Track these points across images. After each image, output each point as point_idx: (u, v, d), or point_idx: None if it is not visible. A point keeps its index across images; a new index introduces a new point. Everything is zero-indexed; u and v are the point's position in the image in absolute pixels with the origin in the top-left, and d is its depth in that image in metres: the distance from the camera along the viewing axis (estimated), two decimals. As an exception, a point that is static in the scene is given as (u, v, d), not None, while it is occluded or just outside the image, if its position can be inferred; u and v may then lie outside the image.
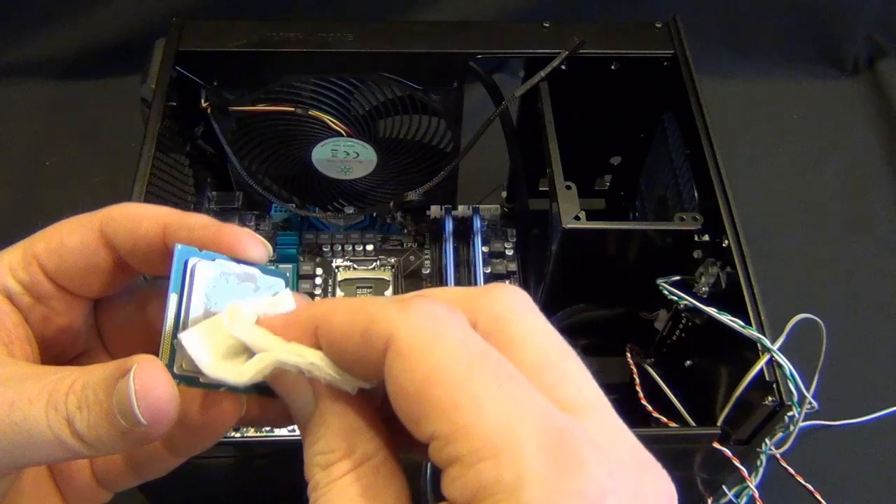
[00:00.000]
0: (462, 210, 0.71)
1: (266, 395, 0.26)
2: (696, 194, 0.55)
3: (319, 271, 0.69)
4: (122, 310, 0.29)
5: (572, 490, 0.19)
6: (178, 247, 0.25)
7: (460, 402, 0.20)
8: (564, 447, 0.19)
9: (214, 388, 0.25)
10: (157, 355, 0.24)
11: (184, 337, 0.24)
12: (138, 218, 0.26)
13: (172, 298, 0.25)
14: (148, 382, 0.23)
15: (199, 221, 0.26)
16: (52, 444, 0.23)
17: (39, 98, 0.89)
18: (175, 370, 0.24)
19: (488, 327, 0.23)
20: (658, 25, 0.61)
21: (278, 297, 0.26)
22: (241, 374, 0.24)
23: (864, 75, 0.95)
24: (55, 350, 0.28)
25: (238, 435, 0.57)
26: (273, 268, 0.27)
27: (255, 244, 0.26)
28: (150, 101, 0.55)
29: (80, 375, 0.24)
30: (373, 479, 0.22)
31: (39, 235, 0.27)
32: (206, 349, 0.25)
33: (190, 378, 0.25)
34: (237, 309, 0.25)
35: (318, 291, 0.68)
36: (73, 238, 0.27)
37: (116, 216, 0.27)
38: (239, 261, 0.26)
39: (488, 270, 0.68)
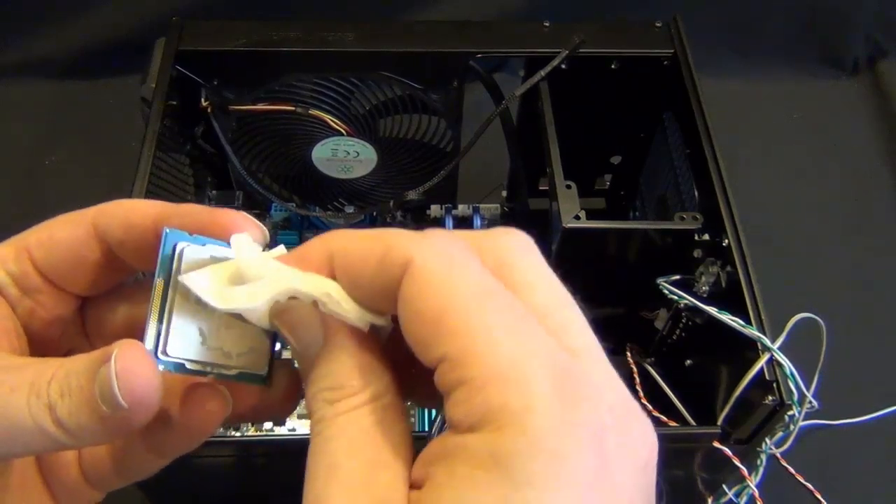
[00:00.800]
0: (462, 209, 0.71)
1: (255, 382, 0.26)
2: (696, 194, 0.55)
3: (319, 271, 0.69)
4: (110, 309, 0.29)
5: (575, 422, 0.20)
6: (167, 230, 0.24)
7: (474, 328, 0.20)
8: (570, 382, 0.20)
9: (201, 374, 0.25)
10: (143, 341, 0.24)
11: (188, 277, 0.24)
12: (131, 209, 0.26)
13: (158, 283, 0.24)
14: (129, 365, 0.22)
15: (193, 208, 0.26)
16: (33, 432, 0.23)
17: (39, 98, 0.89)
18: (160, 356, 0.24)
19: (494, 269, 0.23)
20: (658, 25, 0.61)
21: (279, 248, 0.26)
22: (254, 295, 0.24)
23: (864, 75, 0.95)
24: (40, 346, 0.28)
25: (238, 434, 0.57)
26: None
27: (251, 227, 0.26)
28: (150, 100, 0.56)
29: (64, 363, 0.23)
30: (381, 416, 0.22)
31: (33, 229, 0.27)
32: (211, 286, 0.24)
33: (176, 364, 0.24)
34: (243, 238, 0.25)
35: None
36: (63, 231, 0.27)
37: (110, 208, 0.27)
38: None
39: (488, 270, 0.68)
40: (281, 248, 0.26)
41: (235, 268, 0.25)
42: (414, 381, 0.24)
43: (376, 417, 0.22)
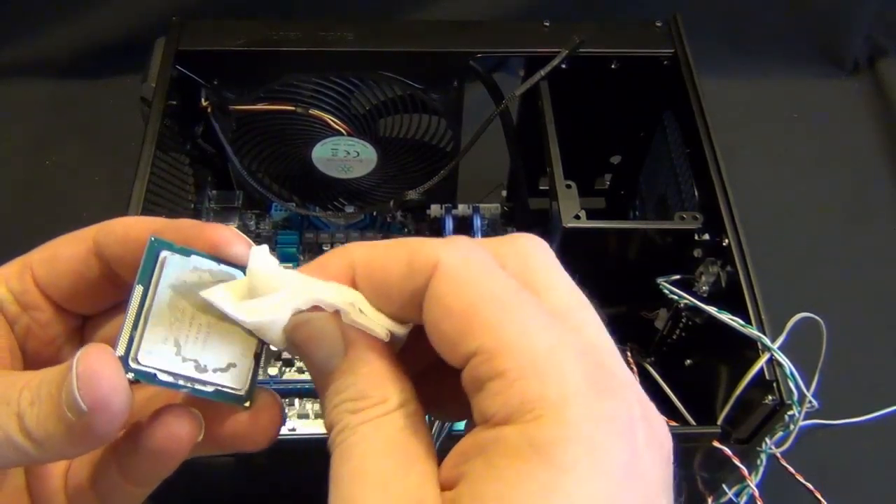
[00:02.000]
0: (462, 209, 0.71)
1: (233, 402, 0.25)
2: (696, 193, 0.55)
3: (319, 270, 0.69)
4: (108, 328, 0.28)
5: (609, 413, 0.20)
6: (152, 238, 0.24)
7: (508, 321, 0.21)
8: (603, 375, 0.21)
9: (173, 387, 0.24)
10: (115, 348, 0.23)
11: (210, 292, 0.24)
12: (130, 226, 0.26)
13: (137, 290, 0.24)
14: (92, 366, 0.22)
15: (185, 222, 0.25)
16: (1, 442, 0.22)
17: (39, 98, 0.89)
18: (130, 364, 0.23)
19: (515, 273, 0.23)
20: (658, 24, 0.61)
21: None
22: (277, 307, 0.24)
23: (864, 75, 0.95)
24: (37, 365, 0.27)
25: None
26: None
27: (238, 243, 0.25)
28: (150, 100, 0.56)
29: (39, 374, 0.23)
30: (405, 423, 0.22)
31: (39, 248, 0.27)
32: (234, 300, 0.24)
33: (147, 373, 0.23)
34: (261, 250, 0.25)
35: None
36: (66, 249, 0.27)
37: (109, 225, 0.26)
38: (220, 261, 0.25)
39: (488, 270, 0.68)
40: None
41: (248, 284, 0.25)
42: (426, 393, 0.24)
43: (401, 425, 0.22)
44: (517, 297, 0.22)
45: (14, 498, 0.27)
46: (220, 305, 0.24)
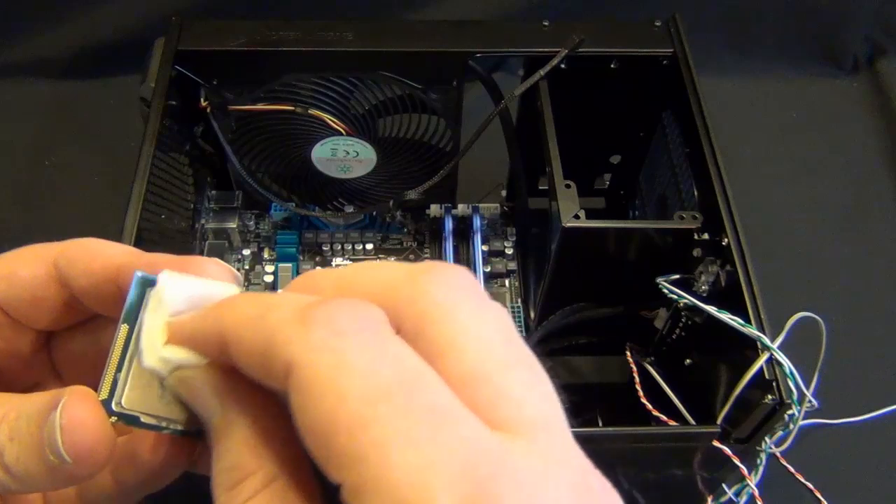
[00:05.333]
0: (462, 209, 0.71)
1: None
2: (695, 193, 0.55)
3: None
4: (77, 340, 0.28)
5: None
6: (138, 274, 0.23)
7: (365, 451, 0.17)
8: (483, 500, 0.17)
9: (156, 429, 0.23)
10: (98, 391, 0.22)
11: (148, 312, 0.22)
12: (94, 255, 0.25)
13: (122, 330, 0.23)
14: (76, 417, 0.21)
15: (162, 257, 0.24)
16: None
17: (39, 98, 0.89)
18: (114, 408, 0.22)
19: (415, 328, 0.19)
20: (657, 24, 0.61)
21: (223, 285, 0.23)
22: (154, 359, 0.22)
23: (864, 74, 0.95)
24: (4, 380, 0.27)
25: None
26: None
27: (223, 273, 0.24)
28: (149, 100, 0.55)
29: (15, 405, 0.22)
30: (283, 499, 0.20)
31: None
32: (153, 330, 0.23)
33: (130, 416, 0.23)
34: (168, 280, 0.22)
35: (317, 291, 0.68)
36: (25, 269, 0.25)
37: (72, 252, 0.25)
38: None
39: (488, 269, 0.68)
40: (232, 289, 0.23)
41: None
42: None
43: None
44: (383, 404, 0.17)
45: None
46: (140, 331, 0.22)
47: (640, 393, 0.55)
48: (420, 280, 0.20)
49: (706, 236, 0.51)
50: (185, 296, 0.23)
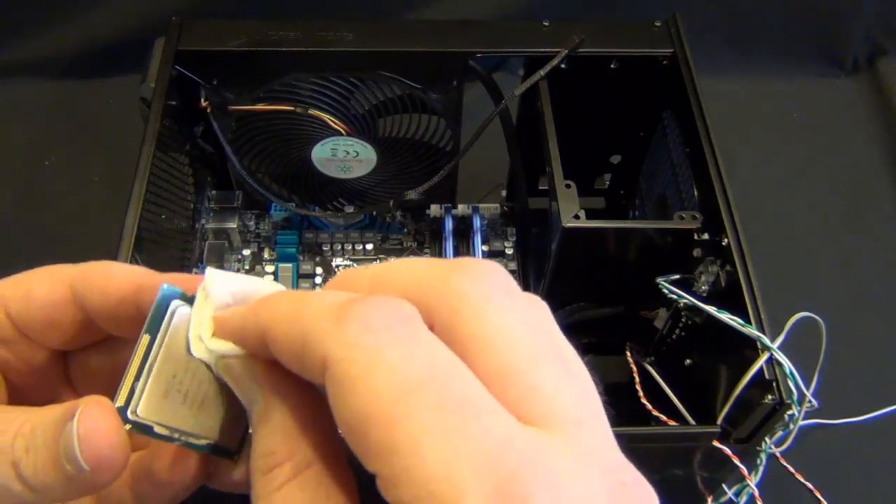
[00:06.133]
0: (462, 209, 0.71)
1: (223, 456, 0.25)
2: (695, 193, 0.55)
3: (319, 270, 0.69)
4: (93, 357, 0.28)
5: None
6: (164, 286, 0.23)
7: (398, 444, 0.18)
8: (515, 494, 0.17)
9: (168, 440, 0.24)
10: (114, 398, 0.23)
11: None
12: (112, 276, 0.25)
13: (144, 339, 0.23)
14: (93, 426, 0.21)
15: (178, 276, 0.24)
16: None
17: (39, 98, 0.89)
18: (129, 416, 0.23)
19: (447, 325, 0.20)
20: (657, 24, 0.61)
21: (264, 282, 0.24)
22: (202, 350, 0.23)
23: (864, 74, 0.95)
24: (18, 395, 0.27)
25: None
26: None
27: None
28: (149, 100, 0.55)
29: (30, 418, 0.23)
30: (314, 490, 0.20)
31: (12, 279, 0.26)
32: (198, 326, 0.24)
33: (144, 426, 0.23)
34: (216, 276, 0.23)
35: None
36: (41, 289, 0.25)
37: (90, 274, 0.25)
38: None
39: (488, 269, 0.68)
40: (274, 286, 0.24)
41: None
42: None
43: (310, 492, 0.20)
44: (415, 398, 0.18)
45: None
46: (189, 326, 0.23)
47: (640, 393, 0.55)
48: (451, 278, 0.20)
49: (706, 236, 0.51)
50: (230, 291, 0.23)
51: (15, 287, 0.26)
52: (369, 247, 0.70)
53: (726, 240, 0.50)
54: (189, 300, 0.24)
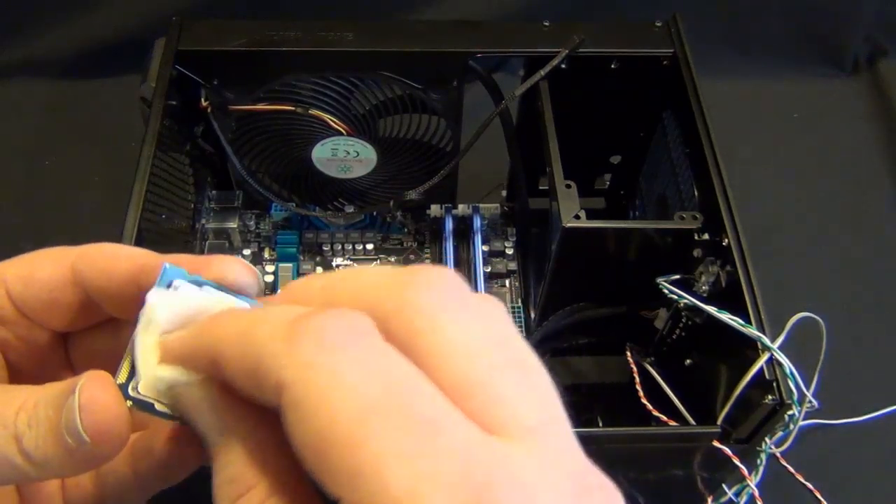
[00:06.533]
0: (462, 209, 0.71)
1: None
2: (695, 193, 0.55)
3: (319, 270, 0.69)
4: (94, 339, 0.28)
5: None
6: (167, 266, 0.23)
7: (362, 468, 0.17)
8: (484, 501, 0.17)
9: (167, 417, 0.23)
10: (115, 375, 0.23)
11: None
12: (113, 258, 0.25)
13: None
14: (94, 397, 0.21)
15: (182, 257, 0.24)
16: (0, 464, 0.22)
17: (39, 98, 0.89)
18: (130, 391, 0.23)
19: (403, 337, 0.19)
20: (658, 25, 0.61)
21: (213, 297, 0.23)
22: (146, 386, 0.23)
23: (864, 75, 0.95)
24: (18, 376, 0.27)
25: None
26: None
27: (245, 273, 0.24)
28: (150, 100, 0.55)
29: (33, 393, 0.23)
30: None
31: (14, 260, 0.26)
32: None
33: (144, 403, 0.23)
34: (153, 311, 0.23)
35: (318, 291, 0.68)
36: (43, 270, 0.25)
37: (91, 255, 0.25)
38: (229, 292, 0.24)
39: (488, 269, 0.68)
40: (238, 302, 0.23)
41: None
42: None
43: None
44: (374, 418, 0.17)
45: (3, 501, 0.26)
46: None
47: (641, 393, 0.55)
48: (403, 289, 0.20)
49: (706, 236, 0.51)
50: (177, 312, 0.23)
51: (16, 268, 0.26)
52: (369, 247, 0.70)
53: (726, 240, 0.50)
54: (193, 280, 0.23)
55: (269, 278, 0.68)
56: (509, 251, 0.70)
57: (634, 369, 0.57)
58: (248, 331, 0.20)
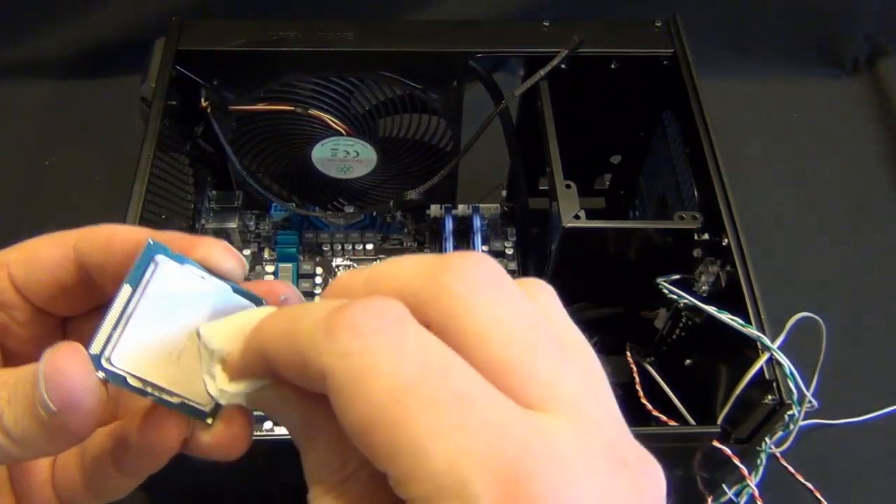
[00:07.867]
0: (462, 209, 0.71)
1: (196, 416, 0.25)
2: (695, 193, 0.55)
3: (319, 270, 0.69)
4: (93, 324, 0.27)
5: None
6: (150, 241, 0.23)
7: (401, 446, 0.18)
8: (518, 477, 0.18)
9: (140, 393, 0.23)
10: (88, 345, 0.23)
11: (207, 328, 0.24)
12: (113, 234, 0.25)
13: (125, 290, 0.23)
14: (58, 365, 0.22)
15: (175, 235, 0.25)
16: None
17: (39, 98, 0.89)
18: (103, 363, 0.23)
19: (440, 323, 0.20)
20: (658, 24, 0.61)
21: (255, 311, 0.24)
22: (221, 394, 0.23)
23: (864, 75, 0.95)
24: (19, 362, 0.26)
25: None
26: (249, 291, 0.25)
27: (229, 257, 0.25)
28: (150, 100, 0.56)
29: (14, 372, 0.23)
30: (362, 494, 0.21)
31: (17, 245, 0.27)
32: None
33: (117, 375, 0.23)
34: (210, 333, 0.23)
35: (317, 291, 0.68)
36: (45, 251, 0.26)
37: (92, 234, 0.26)
38: (212, 274, 0.25)
39: (488, 269, 0.68)
40: (264, 311, 0.24)
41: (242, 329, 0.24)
42: None
43: (356, 497, 0.21)
44: (412, 398, 0.18)
45: None
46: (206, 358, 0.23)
47: (640, 393, 0.55)
48: (440, 275, 0.20)
49: (706, 236, 0.51)
50: (226, 333, 0.24)
51: (18, 252, 0.26)
52: (369, 247, 0.70)
53: (726, 240, 0.50)
54: (176, 258, 0.24)
55: (269, 279, 0.68)
56: (509, 251, 0.70)
57: (634, 369, 0.57)
58: (290, 329, 0.21)
